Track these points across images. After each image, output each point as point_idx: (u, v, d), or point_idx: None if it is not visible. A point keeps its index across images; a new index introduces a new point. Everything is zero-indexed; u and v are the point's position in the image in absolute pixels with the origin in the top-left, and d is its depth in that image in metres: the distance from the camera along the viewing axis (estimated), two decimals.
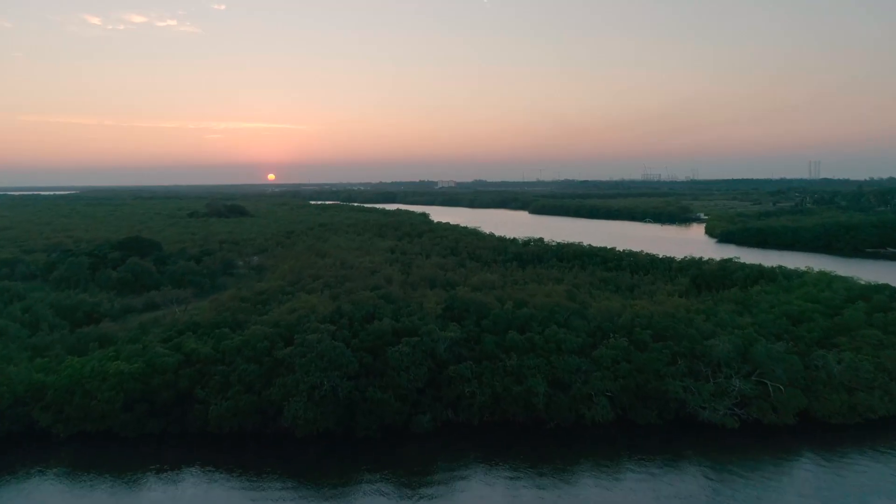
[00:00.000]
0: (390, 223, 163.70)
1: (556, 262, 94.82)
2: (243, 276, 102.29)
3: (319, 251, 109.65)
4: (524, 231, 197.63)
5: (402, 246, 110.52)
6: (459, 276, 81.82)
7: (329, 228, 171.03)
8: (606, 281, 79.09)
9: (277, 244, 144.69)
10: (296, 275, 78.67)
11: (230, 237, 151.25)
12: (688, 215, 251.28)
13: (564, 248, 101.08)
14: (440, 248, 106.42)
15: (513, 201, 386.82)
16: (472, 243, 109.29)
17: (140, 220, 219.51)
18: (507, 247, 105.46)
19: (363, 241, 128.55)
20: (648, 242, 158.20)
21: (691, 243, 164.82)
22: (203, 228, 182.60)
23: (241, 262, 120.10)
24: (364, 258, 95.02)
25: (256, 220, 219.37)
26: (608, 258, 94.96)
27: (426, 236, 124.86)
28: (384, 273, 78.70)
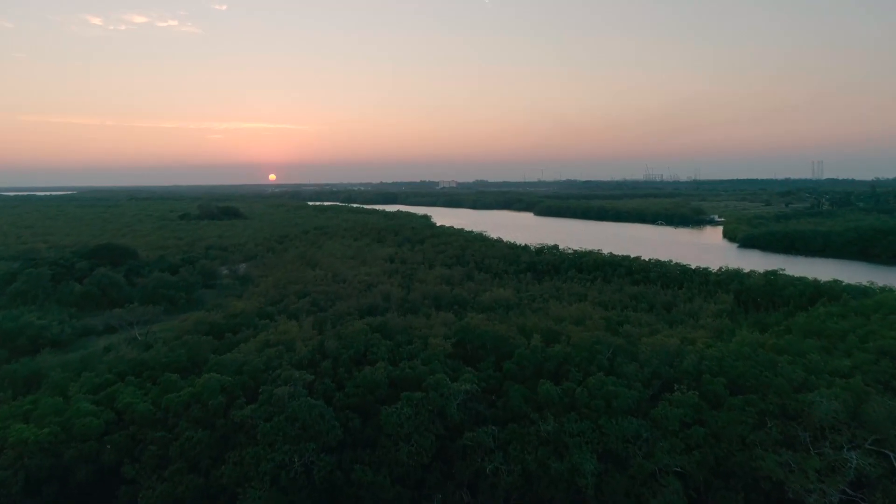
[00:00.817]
0: (390, 227, 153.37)
1: (576, 274, 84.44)
2: (226, 288, 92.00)
3: (311, 260, 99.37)
4: (531, 234, 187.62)
5: (402, 254, 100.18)
6: (468, 291, 71.50)
7: (325, 232, 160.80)
8: (637, 298, 68.65)
9: (268, 250, 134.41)
10: (280, 291, 68.37)
11: (218, 242, 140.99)
12: (701, 217, 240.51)
13: (584, 258, 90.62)
14: (445, 257, 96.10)
15: (517, 202, 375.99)
16: (480, 251, 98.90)
17: (128, 222, 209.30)
18: (520, 255, 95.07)
19: (360, 247, 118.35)
20: (666, 248, 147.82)
21: (711, 249, 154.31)
22: (191, 232, 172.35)
23: (227, 271, 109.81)
24: (359, 269, 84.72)
25: (250, 222, 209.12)
26: (634, 269, 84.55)
27: (429, 242, 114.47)
28: (381, 289, 68.35)
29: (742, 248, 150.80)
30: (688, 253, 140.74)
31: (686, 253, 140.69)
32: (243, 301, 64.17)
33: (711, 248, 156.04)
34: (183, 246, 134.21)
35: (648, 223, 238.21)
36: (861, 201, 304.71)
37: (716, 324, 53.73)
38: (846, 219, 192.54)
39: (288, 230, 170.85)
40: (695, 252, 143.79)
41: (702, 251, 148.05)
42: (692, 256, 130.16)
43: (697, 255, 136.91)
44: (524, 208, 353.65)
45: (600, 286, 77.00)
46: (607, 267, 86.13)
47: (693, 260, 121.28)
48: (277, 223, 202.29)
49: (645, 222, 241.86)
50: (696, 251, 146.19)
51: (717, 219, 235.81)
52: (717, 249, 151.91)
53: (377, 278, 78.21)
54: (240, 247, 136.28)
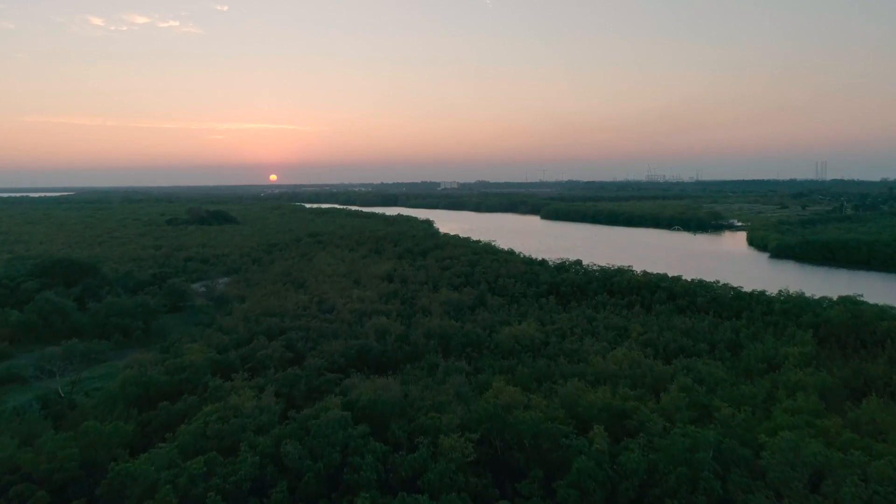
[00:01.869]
0: (389, 234, 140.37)
1: (607, 298, 71.36)
2: (196, 313, 79.08)
3: (297, 278, 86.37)
4: (540, 240, 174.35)
5: (402, 270, 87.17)
6: (482, 323, 58.51)
7: (319, 240, 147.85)
8: (691, 334, 55.55)
9: (254, 262, 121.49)
10: (251, 327, 55.31)
11: (200, 252, 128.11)
12: (719, 222, 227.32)
13: (614, 277, 77.51)
14: (451, 275, 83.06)
15: (522, 205, 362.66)
16: (492, 268, 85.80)
17: (111, 227, 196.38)
18: (538, 273, 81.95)
19: (355, 259, 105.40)
20: (691, 259, 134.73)
21: (740, 259, 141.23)
22: (175, 239, 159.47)
23: (203, 288, 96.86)
24: (352, 292, 71.71)
25: (241, 227, 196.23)
26: (676, 293, 71.47)
27: (432, 256, 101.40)
28: (376, 322, 55.27)
29: (775, 259, 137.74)
30: (717, 265, 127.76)
31: (715, 265, 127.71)
32: (203, 342, 51.11)
33: (740, 258, 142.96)
34: (160, 257, 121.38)
35: (663, 228, 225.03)
36: (884, 204, 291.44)
37: (814, 380, 40.62)
38: (879, 224, 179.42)
39: (279, 237, 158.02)
40: (724, 264, 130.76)
41: (731, 263, 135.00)
42: (724, 270, 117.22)
43: (728, 268, 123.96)
44: (529, 211, 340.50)
45: (641, 315, 63.96)
46: (643, 289, 73.07)
47: (725, 274, 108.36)
48: (270, 229, 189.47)
49: (659, 227, 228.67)
50: (725, 263, 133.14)
51: (737, 224, 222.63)
52: (747, 260, 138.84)
53: (371, 304, 65.24)
54: (223, 258, 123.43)
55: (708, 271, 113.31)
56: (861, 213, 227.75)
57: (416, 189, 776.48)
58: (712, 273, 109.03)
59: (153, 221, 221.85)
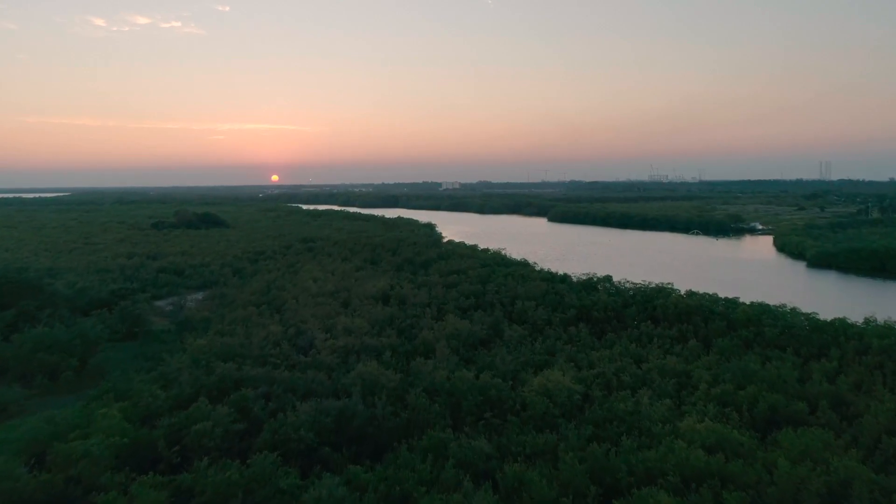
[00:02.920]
0: (388, 241, 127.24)
1: (651, 327, 58.04)
2: (153, 341, 65.94)
3: (277, 298, 73.21)
4: (551, 246, 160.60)
5: (400, 287, 73.93)
6: (502, 369, 45.30)
7: (311, 247, 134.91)
8: (777, 386, 42.17)
9: (235, 272, 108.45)
10: (198, 375, 42.07)
11: (176, 262, 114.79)
12: (740, 225, 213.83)
13: (654, 299, 64.24)
14: (459, 294, 69.85)
15: (527, 206, 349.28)
16: (508, 286, 72.54)
17: (91, 231, 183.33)
18: (563, 293, 68.62)
19: (347, 272, 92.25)
20: (721, 269, 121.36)
21: (776, 270, 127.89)
22: (155, 245, 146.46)
23: (170, 307, 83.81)
24: (338, 318, 58.51)
25: (230, 232, 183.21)
26: (736, 320, 58.18)
27: (436, 268, 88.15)
28: (363, 372, 41.99)
29: (813, 269, 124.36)
30: (752, 276, 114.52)
31: (750, 276, 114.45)
32: (131, 400, 37.90)
33: (774, 268, 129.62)
34: (130, 267, 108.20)
35: (680, 232, 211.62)
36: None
37: None
38: None
39: (268, 244, 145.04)
40: (759, 275, 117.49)
41: (766, 273, 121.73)
42: (763, 283, 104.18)
43: (766, 280, 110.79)
44: (535, 213, 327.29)
45: (699, 353, 50.67)
46: (694, 316, 59.76)
47: (769, 290, 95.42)
48: (260, 233, 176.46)
49: (675, 230, 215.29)
50: (760, 273, 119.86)
51: (759, 227, 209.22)
52: (784, 271, 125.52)
53: (361, 338, 52.06)
54: (201, 268, 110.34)
55: (746, 285, 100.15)
56: (891, 216, 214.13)
57: (418, 189, 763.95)
58: (752, 288, 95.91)
59: (139, 225, 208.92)
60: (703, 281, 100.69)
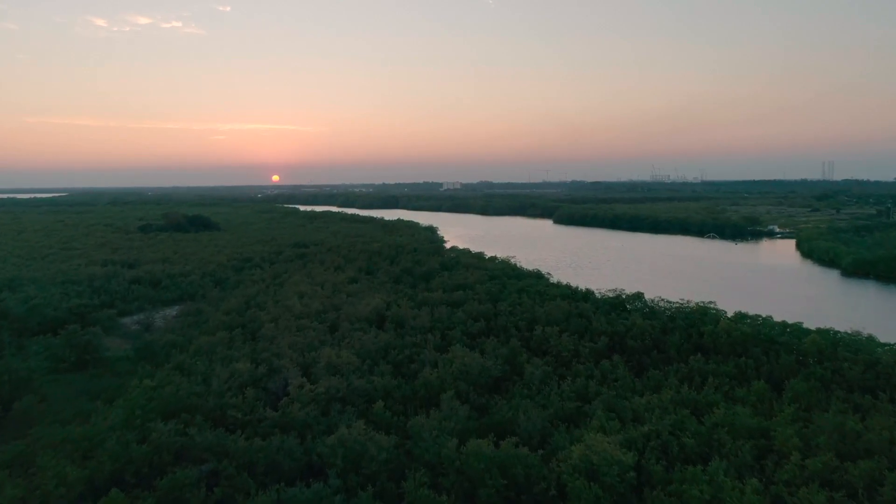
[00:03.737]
0: (386, 247, 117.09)
1: (700, 362, 47.77)
2: (105, 371, 55.79)
3: (254, 319, 63.04)
4: (562, 252, 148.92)
5: (397, 307, 63.69)
6: (527, 425, 35.17)
7: (303, 254, 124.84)
8: (881, 448, 31.90)
9: (217, 283, 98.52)
10: (132, 440, 31.87)
11: (154, 272, 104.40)
12: (757, 228, 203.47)
13: (699, 324, 54.06)
14: (466, 316, 59.66)
15: (530, 207, 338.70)
16: (523, 306, 62.33)
17: (73, 235, 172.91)
18: (588, 315, 58.41)
19: (339, 284, 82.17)
20: (750, 279, 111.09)
21: (808, 279, 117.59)
22: (137, 251, 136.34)
23: (137, 325, 73.80)
24: (321, 351, 48.34)
25: (220, 235, 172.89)
26: (805, 353, 48.03)
27: (439, 281, 77.94)
28: (345, 439, 31.76)
29: (848, 278, 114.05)
30: (786, 288, 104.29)
31: (783, 288, 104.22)
32: (26, 483, 27.77)
33: (805, 277, 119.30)
34: (102, 277, 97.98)
35: (693, 235, 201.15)
36: None
37: None
38: None
39: (258, 249, 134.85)
40: (793, 286, 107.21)
41: (799, 283, 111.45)
42: (802, 297, 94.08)
43: (802, 291, 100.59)
44: (539, 214, 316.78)
45: (773, 401, 40.48)
46: (751, 345, 49.58)
47: (812, 305, 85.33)
48: (252, 237, 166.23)
49: (688, 233, 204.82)
50: (793, 284, 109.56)
51: (778, 230, 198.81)
52: (817, 280, 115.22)
53: (347, 378, 41.91)
54: (180, 278, 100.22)
55: (786, 299, 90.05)
56: None
57: (419, 189, 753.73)
58: (793, 302, 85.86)
59: (126, 227, 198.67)
60: (739, 295, 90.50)
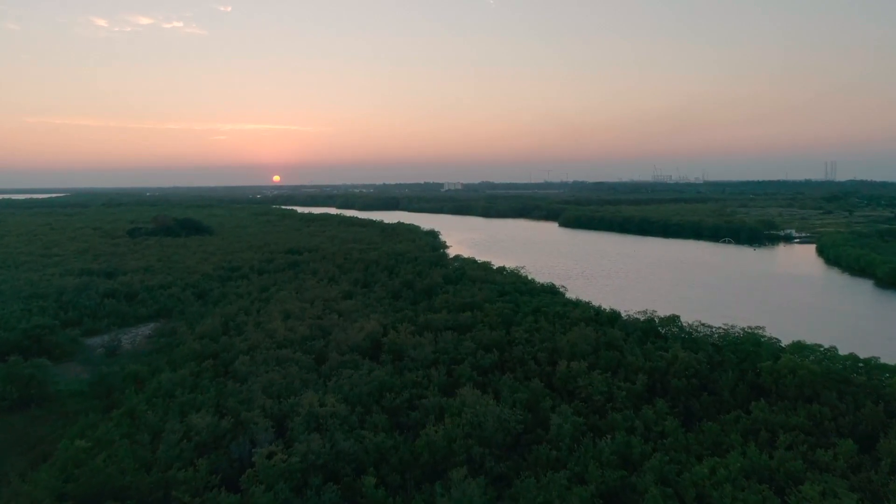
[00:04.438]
0: (385, 256, 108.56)
1: (765, 411, 39.14)
2: (58, 407, 47.24)
3: (230, 347, 54.45)
4: (571, 258, 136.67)
5: (395, 333, 55.11)
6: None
7: (296, 262, 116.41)
8: None
9: (198, 297, 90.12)
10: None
11: (132, 283, 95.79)
12: (774, 232, 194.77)
13: (752, 356, 45.58)
14: (476, 345, 51.11)
15: (534, 209, 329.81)
16: (542, 332, 53.80)
17: (56, 240, 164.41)
18: (619, 345, 49.86)
19: (332, 299, 73.77)
20: (775, 290, 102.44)
21: (841, 291, 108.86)
22: (119, 258, 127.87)
23: (101, 348, 65.37)
24: (303, 395, 39.81)
25: (210, 240, 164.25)
26: (888, 398, 39.37)
27: (443, 299, 69.27)
28: None
29: (884, 290, 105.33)
30: (824, 302, 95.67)
31: (820, 301, 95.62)
32: None
33: (836, 288, 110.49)
34: (73, 290, 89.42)
35: (707, 239, 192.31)
36: None
37: None
38: None
39: (248, 256, 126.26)
40: (826, 299, 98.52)
41: (831, 296, 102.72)
42: (838, 314, 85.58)
43: (836, 305, 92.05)
44: (544, 217, 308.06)
45: (870, 471, 31.94)
46: (820, 386, 40.99)
47: (854, 328, 76.89)
48: (244, 242, 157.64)
49: (702, 238, 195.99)
50: (825, 297, 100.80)
51: (795, 234, 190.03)
52: (851, 292, 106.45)
53: (332, 437, 33.39)
54: (160, 291, 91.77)
55: (827, 318, 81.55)
56: None
57: (419, 190, 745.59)
58: (838, 323, 77.31)
59: (114, 231, 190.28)
60: (777, 313, 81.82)
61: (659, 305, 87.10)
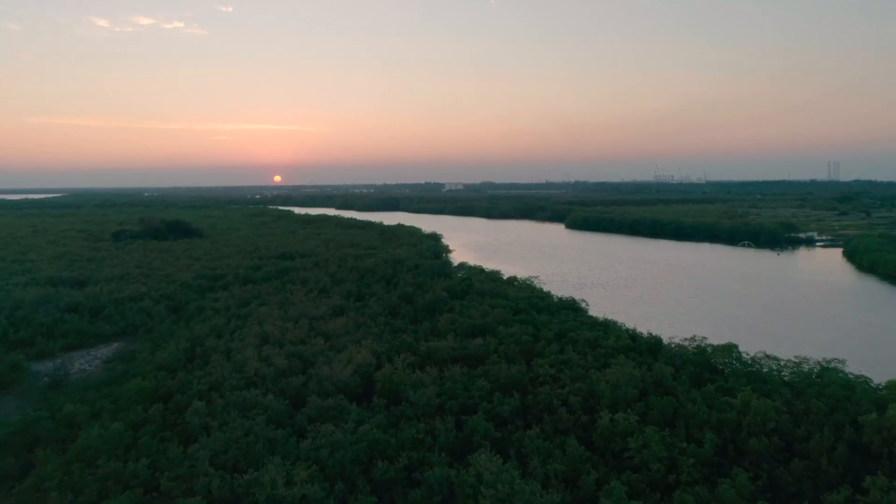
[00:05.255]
0: (382, 264, 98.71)
1: (881, 483, 29.17)
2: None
3: (186, 387, 44.60)
4: (584, 264, 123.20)
5: (390, 368, 45.19)
6: None
7: (286, 269, 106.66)
8: None
9: (173, 311, 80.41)
10: None
11: (99, 296, 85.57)
12: (795, 235, 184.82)
13: (842, 402, 35.69)
14: (492, 385, 41.23)
15: (539, 210, 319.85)
16: (570, 366, 43.89)
17: (34, 244, 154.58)
18: (673, 391, 39.91)
19: (321, 315, 64.05)
20: (814, 305, 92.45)
21: (887, 303, 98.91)
22: (95, 265, 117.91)
23: (46, 377, 55.51)
24: (266, 466, 29.92)
25: (198, 244, 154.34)
26: None
27: (448, 319, 59.28)
28: None
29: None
30: (874, 318, 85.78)
31: (871, 317, 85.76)
32: None
33: (883, 300, 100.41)
34: (33, 303, 79.46)
35: (724, 243, 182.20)
36: None
37: None
38: None
39: (236, 263, 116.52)
40: (885, 317, 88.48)
41: (882, 311, 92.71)
42: None
43: (889, 321, 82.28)
44: (549, 218, 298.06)
45: None
46: None
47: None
48: (233, 246, 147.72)
49: (718, 241, 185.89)
50: (884, 315, 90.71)
51: (818, 238, 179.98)
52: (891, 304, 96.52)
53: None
54: (131, 304, 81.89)
55: (888, 340, 71.77)
56: None
57: (420, 190, 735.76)
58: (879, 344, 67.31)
59: (99, 234, 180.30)
60: (834, 333, 72.28)
61: (692, 324, 77.31)
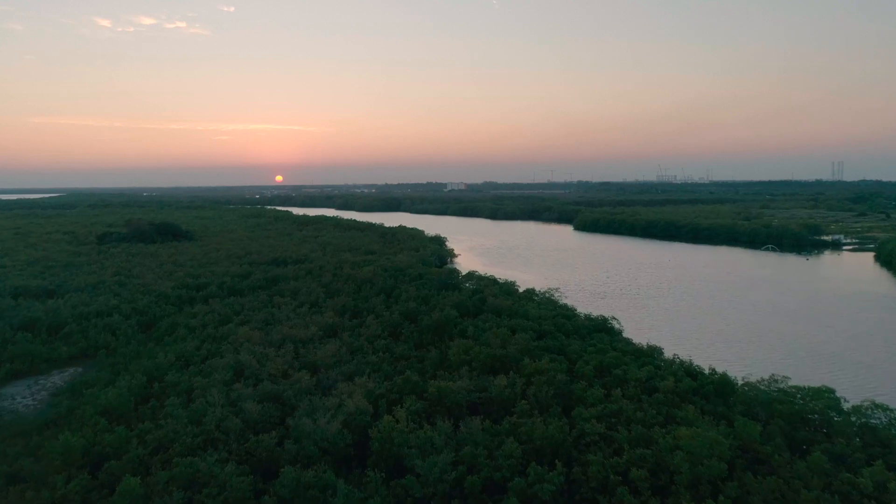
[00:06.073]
0: (382, 272, 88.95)
1: None
2: None
3: (123, 448, 34.80)
4: (602, 271, 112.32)
5: (390, 422, 35.31)
6: None
7: (277, 277, 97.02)
8: None
9: (144, 328, 70.78)
10: None
11: (60, 311, 75.64)
12: (820, 238, 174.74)
13: None
14: (524, 448, 31.27)
15: (545, 211, 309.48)
16: (628, 423, 33.80)
17: (14, 246, 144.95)
18: (773, 465, 29.91)
19: (309, 338, 54.40)
20: (881, 325, 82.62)
21: None
22: (70, 272, 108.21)
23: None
24: None
25: (186, 248, 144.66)
26: None
27: (460, 348, 49.26)
28: None
29: None
30: None
31: None
32: None
33: None
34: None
35: (744, 246, 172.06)
36: None
37: None
38: None
39: (223, 269, 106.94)
40: None
41: None
42: None
43: None
44: (556, 219, 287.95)
45: None
46: None
47: None
48: (224, 250, 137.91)
49: (738, 244, 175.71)
50: None
51: (844, 240, 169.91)
52: None
53: None
54: (97, 319, 72.18)
55: None
56: None
57: (422, 190, 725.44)
58: None
59: (85, 237, 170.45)
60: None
61: (740, 344, 67.66)
